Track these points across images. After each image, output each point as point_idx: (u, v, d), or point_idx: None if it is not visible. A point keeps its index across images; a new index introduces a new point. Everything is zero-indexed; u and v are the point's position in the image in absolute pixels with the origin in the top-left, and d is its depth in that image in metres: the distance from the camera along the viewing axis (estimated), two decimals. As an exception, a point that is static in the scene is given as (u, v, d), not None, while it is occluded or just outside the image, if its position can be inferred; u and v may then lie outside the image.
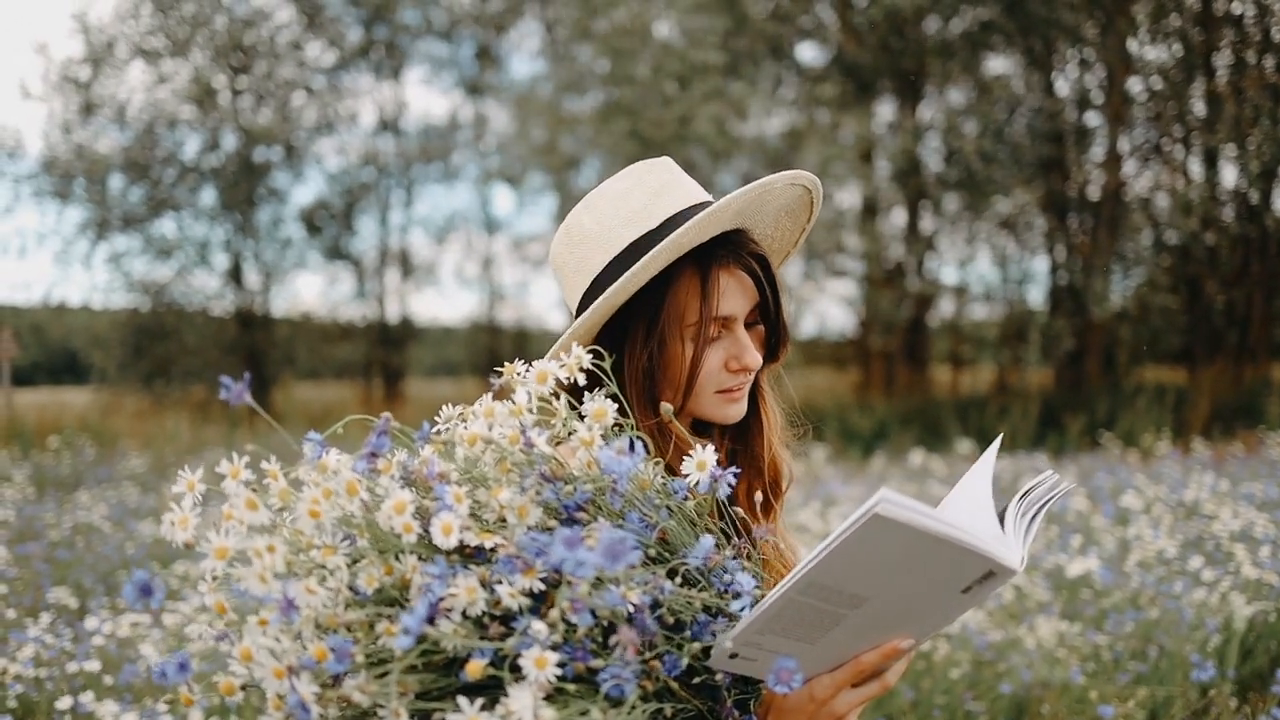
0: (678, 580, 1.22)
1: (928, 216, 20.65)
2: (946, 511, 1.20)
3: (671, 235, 1.52)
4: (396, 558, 1.17)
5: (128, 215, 20.28)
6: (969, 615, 4.67)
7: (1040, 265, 19.13)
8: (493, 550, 1.18)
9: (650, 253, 1.52)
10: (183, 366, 19.75)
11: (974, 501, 1.30)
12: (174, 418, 14.31)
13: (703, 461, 1.30)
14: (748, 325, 1.65)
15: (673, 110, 16.75)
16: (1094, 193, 18.93)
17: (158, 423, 14.58)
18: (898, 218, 20.76)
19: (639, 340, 1.59)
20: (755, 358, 1.60)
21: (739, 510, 1.41)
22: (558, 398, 1.34)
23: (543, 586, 1.13)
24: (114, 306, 20.93)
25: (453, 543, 1.13)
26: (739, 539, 1.32)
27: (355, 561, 1.18)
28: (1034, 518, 1.27)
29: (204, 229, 21.08)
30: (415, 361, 25.91)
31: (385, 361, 23.46)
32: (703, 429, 1.73)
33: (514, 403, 1.30)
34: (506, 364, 1.37)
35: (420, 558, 1.17)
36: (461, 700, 1.04)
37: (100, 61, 19.97)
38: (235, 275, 21.18)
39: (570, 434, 1.30)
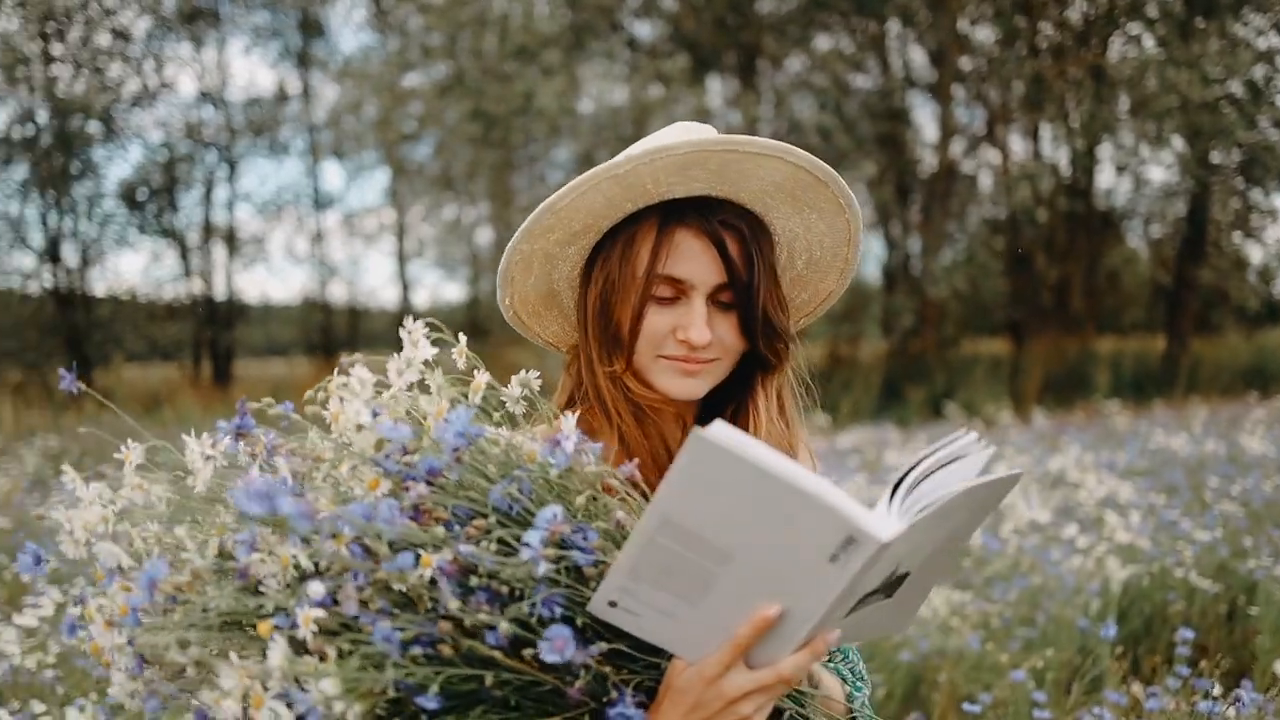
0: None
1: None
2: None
3: (618, 157, 1.42)
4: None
5: (-66, 191, 19.13)
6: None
7: (876, 241, 19.54)
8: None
9: (595, 170, 1.42)
10: (-2, 349, 18.76)
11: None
12: (-7, 402, 13.56)
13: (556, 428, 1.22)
14: (722, 305, 1.51)
15: (515, 86, 16.50)
16: (925, 170, 19.39)
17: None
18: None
19: (598, 279, 1.52)
20: (701, 333, 1.46)
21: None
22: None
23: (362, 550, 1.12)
24: (-78, 288, 19.78)
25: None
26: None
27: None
28: (926, 483, 1.16)
29: (17, 205, 20.01)
30: (244, 341, 25.04)
31: (213, 341, 22.65)
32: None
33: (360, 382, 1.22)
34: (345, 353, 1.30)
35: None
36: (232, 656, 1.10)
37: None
38: (52, 253, 20.14)
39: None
